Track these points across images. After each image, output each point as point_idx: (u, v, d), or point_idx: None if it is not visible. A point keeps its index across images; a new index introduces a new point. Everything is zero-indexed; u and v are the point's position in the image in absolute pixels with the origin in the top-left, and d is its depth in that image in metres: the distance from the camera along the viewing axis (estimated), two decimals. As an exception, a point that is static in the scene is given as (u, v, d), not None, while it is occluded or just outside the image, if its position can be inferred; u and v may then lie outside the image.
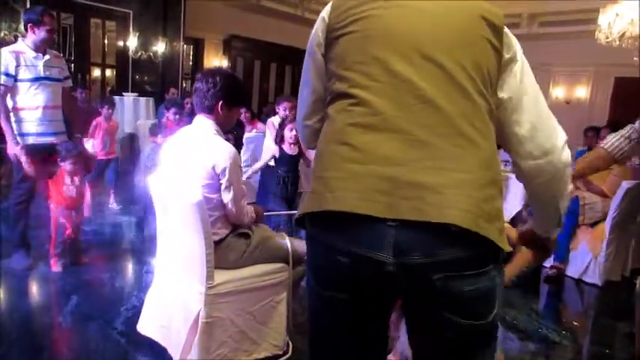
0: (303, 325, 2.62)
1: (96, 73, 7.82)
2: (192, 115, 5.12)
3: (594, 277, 3.70)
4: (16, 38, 6.43)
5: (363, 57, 1.02)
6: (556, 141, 1.08)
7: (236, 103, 2.19)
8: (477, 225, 0.90)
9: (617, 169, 3.62)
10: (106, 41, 7.68)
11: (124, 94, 7.07)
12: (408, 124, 0.95)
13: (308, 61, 1.19)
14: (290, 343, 2.33)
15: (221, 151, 2.04)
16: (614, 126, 4.54)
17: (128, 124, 6.46)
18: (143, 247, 3.78)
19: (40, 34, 3.06)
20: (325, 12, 1.12)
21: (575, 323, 3.10)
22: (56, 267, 3.15)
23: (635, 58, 5.34)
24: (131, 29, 7.59)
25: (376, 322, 1.11)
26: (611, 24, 5.30)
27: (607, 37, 5.32)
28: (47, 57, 3.13)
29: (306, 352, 2.36)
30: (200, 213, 1.87)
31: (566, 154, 1.09)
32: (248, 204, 2.22)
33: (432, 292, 0.94)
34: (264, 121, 6.54)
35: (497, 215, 0.96)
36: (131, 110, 6.63)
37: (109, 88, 7.94)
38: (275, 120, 4.25)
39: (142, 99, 6.86)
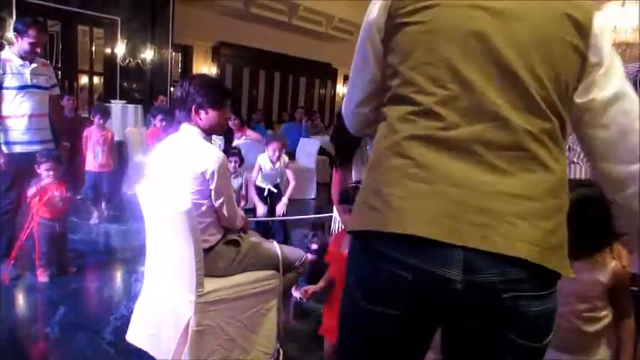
0: (293, 331, 2.62)
1: (83, 80, 7.76)
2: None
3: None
4: (1, 46, 6.39)
5: (430, 57, 0.93)
6: None
7: (212, 105, 2.08)
8: (546, 259, 0.87)
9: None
10: (93, 48, 7.62)
11: (111, 101, 7.01)
12: (477, 142, 0.89)
13: (366, 47, 1.06)
14: (280, 350, 2.32)
15: (209, 155, 2.03)
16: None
17: (116, 132, 6.39)
18: (131, 256, 3.74)
19: (24, 45, 3.04)
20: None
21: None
22: (42, 277, 3.11)
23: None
24: (119, 36, 7.54)
25: (424, 341, 1.03)
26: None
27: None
28: (34, 65, 3.11)
29: (297, 359, 2.36)
30: (189, 221, 1.86)
31: None
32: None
33: (499, 312, 0.89)
34: (254, 128, 6.56)
35: (563, 244, 0.92)
36: (119, 118, 6.58)
37: (96, 96, 7.89)
38: (262, 159, 3.85)
39: (131, 106, 6.81)
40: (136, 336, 2.29)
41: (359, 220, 0.98)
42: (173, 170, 2.06)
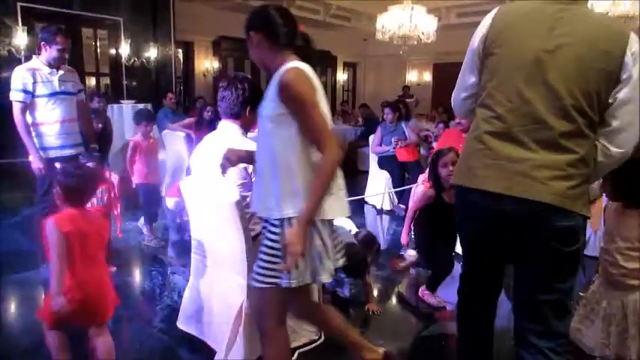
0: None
1: (90, 82, 7.84)
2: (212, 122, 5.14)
3: (595, 251, 3.90)
4: (9, 53, 6.49)
5: (505, 79, 1.51)
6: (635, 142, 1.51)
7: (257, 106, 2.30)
8: (565, 204, 1.44)
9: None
10: (98, 50, 7.70)
11: (121, 101, 7.12)
12: (525, 137, 1.47)
13: (474, 61, 1.62)
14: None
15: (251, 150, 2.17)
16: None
17: (129, 131, 6.53)
18: (162, 250, 3.88)
19: (52, 52, 3.15)
20: (485, 28, 1.57)
21: (582, 294, 3.27)
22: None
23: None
24: (122, 37, 7.63)
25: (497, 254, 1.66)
26: (593, 4, 5.49)
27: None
28: (61, 72, 3.23)
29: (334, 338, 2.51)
30: (239, 211, 2.00)
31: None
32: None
33: (540, 225, 1.47)
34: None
35: (580, 195, 1.47)
36: (130, 117, 6.69)
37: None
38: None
39: (141, 105, 6.91)
40: (186, 323, 2.46)
41: (455, 177, 1.69)
42: (218, 165, 2.19)
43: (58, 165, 3.01)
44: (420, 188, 4.01)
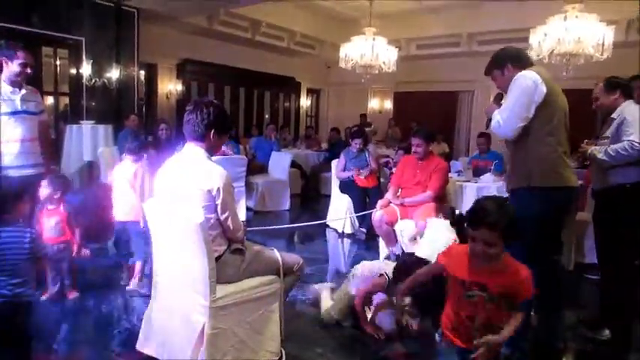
0: (294, 332, 2.80)
1: (49, 101, 7.67)
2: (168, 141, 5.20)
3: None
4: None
5: (559, 121, 2.54)
6: None
7: (225, 131, 2.40)
8: None
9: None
10: (58, 69, 7.57)
11: (81, 122, 6.99)
12: (567, 151, 2.59)
13: (532, 104, 2.46)
14: (283, 350, 2.51)
15: (215, 173, 2.22)
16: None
17: (88, 152, 6.43)
18: (118, 274, 3.79)
19: (14, 67, 3.14)
20: (543, 87, 2.44)
21: (532, 313, 3.44)
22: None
23: (563, 73, 5.92)
24: (84, 56, 7.53)
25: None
26: (541, 43, 5.89)
27: (538, 55, 5.89)
28: (24, 91, 3.21)
29: (297, 357, 2.55)
30: (203, 232, 2.05)
31: None
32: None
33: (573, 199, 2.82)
34: (226, 144, 6.68)
35: None
36: (89, 138, 6.58)
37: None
38: None
39: (101, 127, 6.78)
40: (146, 345, 2.44)
41: (545, 180, 2.52)
42: (182, 188, 2.24)
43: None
44: (378, 213, 4.15)
